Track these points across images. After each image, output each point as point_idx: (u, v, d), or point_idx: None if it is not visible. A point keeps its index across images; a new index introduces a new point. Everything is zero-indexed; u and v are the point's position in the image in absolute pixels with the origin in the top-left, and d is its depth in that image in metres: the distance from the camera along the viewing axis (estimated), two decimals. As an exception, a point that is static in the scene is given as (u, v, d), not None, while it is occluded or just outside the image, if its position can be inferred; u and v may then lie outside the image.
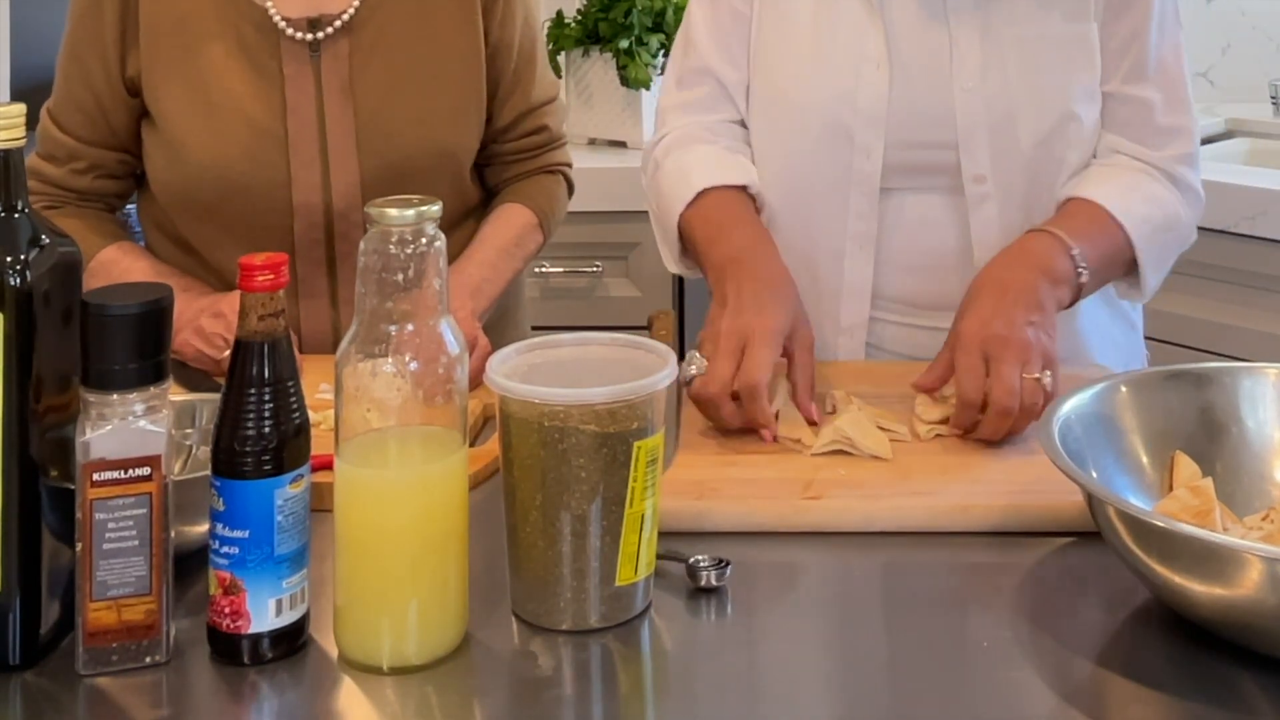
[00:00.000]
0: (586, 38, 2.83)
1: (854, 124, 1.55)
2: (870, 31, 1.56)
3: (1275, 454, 1.23)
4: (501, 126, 1.78)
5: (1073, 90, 1.55)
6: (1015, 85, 1.54)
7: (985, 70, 1.54)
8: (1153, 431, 1.23)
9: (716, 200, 1.57)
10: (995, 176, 1.55)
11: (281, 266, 1.01)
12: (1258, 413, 1.24)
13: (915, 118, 1.55)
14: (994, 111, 1.54)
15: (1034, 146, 1.54)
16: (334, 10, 1.67)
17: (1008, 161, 1.54)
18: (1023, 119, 1.54)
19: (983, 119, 1.54)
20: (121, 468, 0.99)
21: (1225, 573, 0.99)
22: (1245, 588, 0.98)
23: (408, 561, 1.01)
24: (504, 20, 1.74)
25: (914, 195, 1.57)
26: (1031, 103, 1.54)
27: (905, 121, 1.55)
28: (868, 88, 1.55)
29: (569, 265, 2.66)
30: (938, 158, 1.55)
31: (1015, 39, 1.55)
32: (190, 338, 1.56)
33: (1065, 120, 1.55)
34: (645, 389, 1.05)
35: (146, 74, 1.64)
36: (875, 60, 1.55)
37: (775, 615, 1.11)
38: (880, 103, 1.55)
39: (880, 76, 1.55)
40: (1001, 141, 1.54)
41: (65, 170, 1.68)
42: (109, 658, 1.01)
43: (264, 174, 1.63)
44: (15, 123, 1.02)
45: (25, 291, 0.99)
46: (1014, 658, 1.04)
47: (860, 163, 1.56)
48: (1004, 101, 1.54)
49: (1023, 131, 1.54)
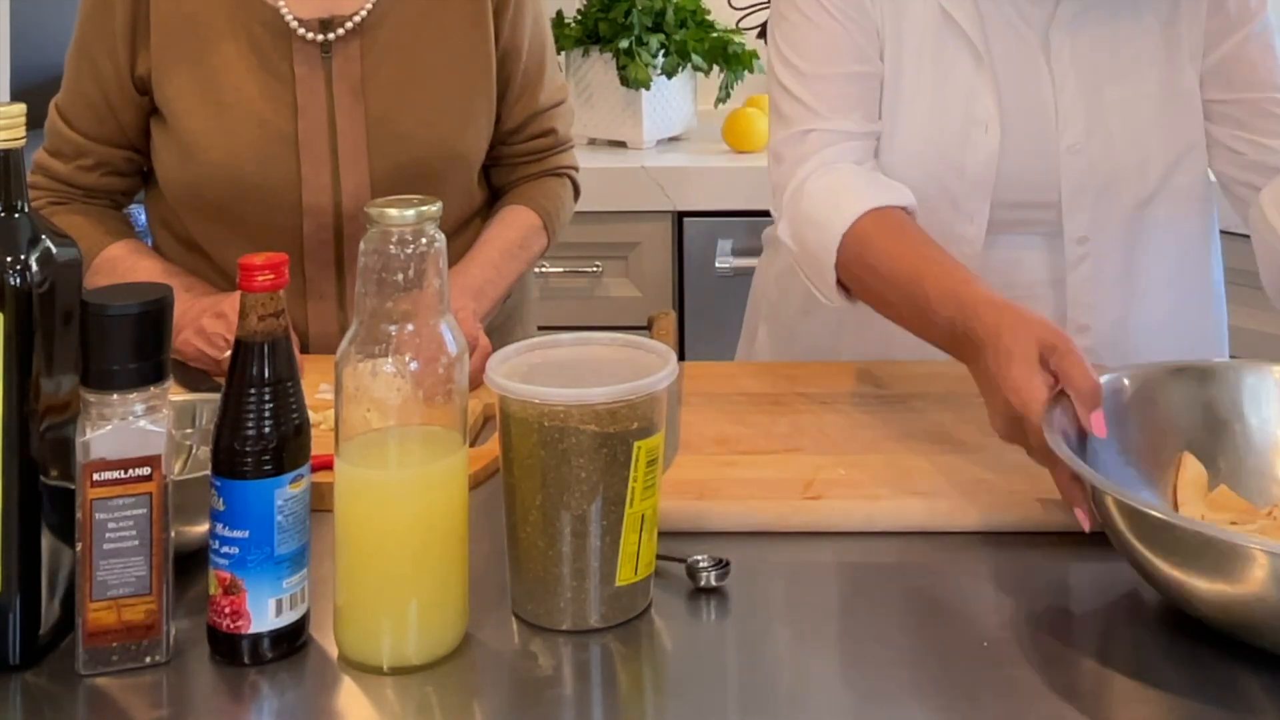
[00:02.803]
0: (586, 38, 2.83)
1: (958, 189, 1.50)
2: (981, 91, 1.49)
3: (1277, 451, 1.23)
4: (510, 128, 1.78)
5: (1175, 148, 1.52)
6: (1119, 145, 1.51)
7: (1090, 130, 1.50)
8: (1155, 427, 1.22)
9: (889, 221, 1.41)
10: (1097, 237, 1.52)
11: (282, 267, 1.01)
12: (1261, 410, 1.24)
13: (1020, 180, 1.50)
14: (1098, 173, 1.51)
15: (1136, 207, 1.52)
16: (346, 11, 1.67)
17: (1110, 223, 1.52)
18: (1126, 180, 1.51)
19: (1088, 180, 1.51)
20: (121, 468, 0.99)
21: (1228, 568, 0.99)
22: (1249, 584, 0.98)
23: (408, 561, 1.01)
24: (514, 22, 1.74)
25: (1013, 252, 1.52)
26: (1135, 163, 1.51)
27: (1011, 184, 1.50)
28: (976, 152, 1.49)
29: (569, 265, 2.66)
30: (1039, 216, 1.52)
31: (1118, 99, 1.51)
32: (191, 337, 1.56)
33: (1168, 179, 1.52)
34: (645, 389, 1.05)
35: (156, 72, 1.64)
36: (984, 122, 1.49)
37: (775, 615, 1.11)
38: (989, 168, 1.49)
39: (990, 140, 1.49)
40: (1104, 203, 1.51)
41: (72, 166, 1.68)
42: (109, 658, 1.01)
43: (274, 174, 1.63)
44: (15, 123, 1.02)
45: (25, 291, 0.99)
46: (1014, 658, 1.04)
47: (964, 227, 1.51)
48: (1108, 163, 1.51)
49: (1126, 193, 1.51)
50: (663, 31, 2.81)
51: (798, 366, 1.58)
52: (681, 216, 2.66)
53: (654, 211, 2.67)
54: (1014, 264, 1.53)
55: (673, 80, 2.84)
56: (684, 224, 2.67)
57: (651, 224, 2.68)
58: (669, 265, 2.69)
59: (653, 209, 2.67)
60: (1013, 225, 1.53)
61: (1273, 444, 1.23)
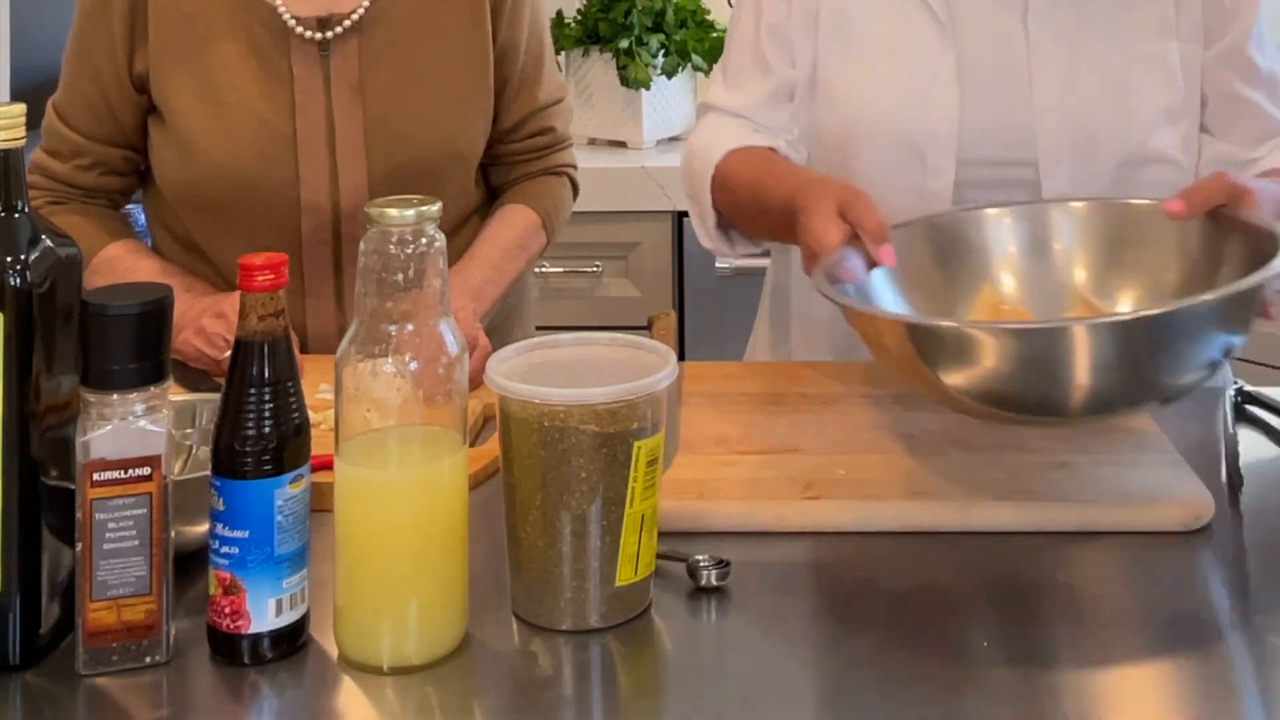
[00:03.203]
0: (586, 38, 2.83)
1: (925, 144, 1.54)
2: (940, 53, 1.54)
3: (1066, 280, 1.40)
4: (508, 127, 1.78)
5: (1156, 112, 1.53)
6: (1099, 104, 1.52)
7: (1067, 88, 1.52)
8: (963, 264, 1.40)
9: (742, 159, 1.56)
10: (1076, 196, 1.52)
11: (281, 267, 1.01)
12: (1059, 241, 1.41)
13: (990, 136, 1.53)
14: (1076, 131, 1.52)
15: (1116, 168, 1.53)
16: (344, 10, 1.66)
17: (1090, 182, 1.52)
18: (1105, 139, 1.52)
19: (1064, 138, 1.52)
20: (121, 468, 0.99)
21: (966, 353, 1.14)
22: (984, 364, 1.13)
23: (408, 561, 1.01)
24: (512, 20, 1.74)
25: None
26: (1116, 123, 1.52)
27: (979, 140, 1.53)
28: (938, 108, 1.53)
29: (569, 265, 2.66)
30: (1016, 175, 1.53)
31: (1100, 58, 1.53)
32: (191, 337, 1.56)
33: (1148, 142, 1.53)
34: (645, 389, 1.05)
35: (155, 71, 1.64)
36: (946, 80, 1.53)
37: (775, 615, 1.11)
38: (950, 123, 1.53)
39: (950, 96, 1.53)
40: (1083, 161, 1.52)
41: (70, 166, 1.68)
42: (109, 658, 1.01)
43: (272, 173, 1.63)
44: (15, 123, 1.02)
45: (25, 291, 0.99)
46: (1014, 658, 1.04)
47: (932, 182, 1.54)
48: (1087, 121, 1.52)
49: (1105, 152, 1.52)
50: (663, 31, 2.81)
51: (798, 366, 1.58)
52: (681, 216, 2.66)
53: (654, 211, 2.67)
54: None
55: (673, 80, 2.84)
56: (684, 224, 2.67)
57: (651, 224, 2.68)
58: (669, 265, 2.69)
59: (653, 209, 2.67)
60: (990, 186, 1.54)
61: (1067, 265, 1.40)
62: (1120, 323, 1.15)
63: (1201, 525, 1.21)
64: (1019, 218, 1.43)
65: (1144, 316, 1.15)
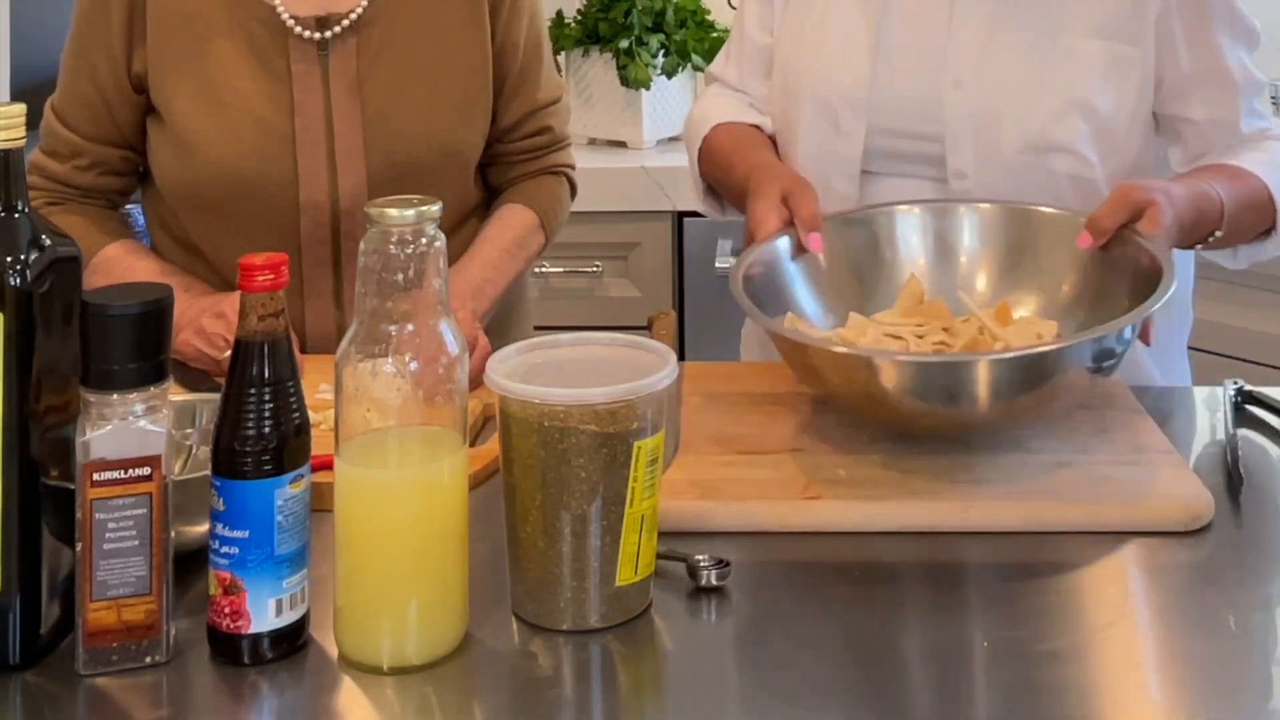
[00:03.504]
0: (586, 38, 2.83)
1: (839, 107, 1.59)
2: (863, 21, 1.60)
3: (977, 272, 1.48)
4: (506, 126, 1.78)
5: (1062, 102, 1.54)
6: (1006, 87, 1.55)
7: (978, 68, 1.55)
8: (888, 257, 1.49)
9: (727, 131, 1.67)
10: (978, 175, 1.56)
11: (281, 266, 1.01)
12: (973, 239, 1.49)
13: (899, 106, 1.58)
14: (981, 110, 1.55)
15: (1018, 151, 1.55)
16: (342, 9, 1.66)
17: (991, 163, 1.55)
18: (1009, 122, 1.55)
19: (969, 116, 1.55)
20: (121, 468, 0.99)
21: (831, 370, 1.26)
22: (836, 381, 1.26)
23: (408, 561, 1.01)
24: (510, 20, 1.74)
25: (900, 180, 1.59)
26: (1020, 108, 1.54)
27: (889, 109, 1.58)
28: (852, 73, 1.59)
29: (569, 265, 2.66)
30: (922, 149, 1.58)
31: (1017, 43, 1.55)
32: (191, 337, 1.56)
33: (1051, 131, 1.54)
34: (645, 389, 1.05)
35: (153, 71, 1.64)
36: (864, 47, 1.59)
37: (775, 615, 1.11)
38: (862, 88, 1.59)
39: (863, 62, 1.58)
40: (986, 143, 1.55)
41: (68, 166, 1.68)
42: (109, 658, 1.01)
43: (271, 172, 1.63)
44: (15, 123, 1.02)
45: (25, 291, 0.99)
46: (1015, 658, 1.04)
47: (843, 145, 1.60)
48: (992, 102, 1.55)
49: (1008, 134, 1.55)
50: (663, 31, 2.81)
51: (798, 366, 1.58)
52: (681, 216, 2.66)
53: (654, 211, 2.67)
54: (899, 192, 1.58)
55: (673, 80, 2.84)
56: (684, 224, 2.67)
57: (651, 224, 2.68)
58: (669, 265, 2.69)
59: (653, 209, 2.67)
60: (899, 156, 1.58)
61: (971, 266, 1.48)
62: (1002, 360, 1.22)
63: (1201, 525, 1.21)
64: (931, 215, 1.51)
65: (1021, 355, 1.23)
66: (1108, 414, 1.40)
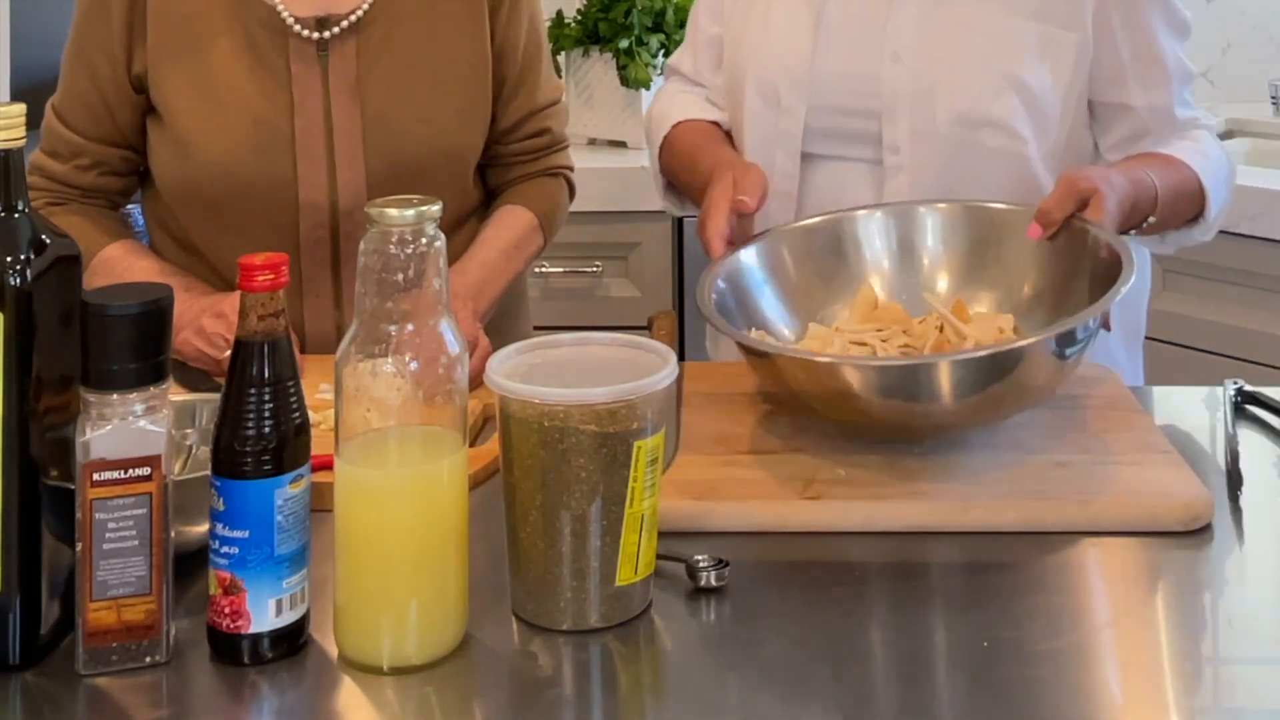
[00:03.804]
0: (586, 38, 2.83)
1: (780, 84, 1.63)
2: (802, 1, 1.64)
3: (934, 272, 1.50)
4: (505, 128, 1.78)
5: (994, 77, 1.58)
6: (941, 62, 1.58)
7: (915, 44, 1.59)
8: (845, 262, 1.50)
9: (688, 129, 1.72)
10: (912, 149, 1.59)
11: (281, 266, 1.01)
12: (927, 239, 1.51)
13: (839, 82, 1.61)
14: (917, 84, 1.58)
15: (950, 124, 1.58)
16: (342, 9, 1.67)
17: (925, 136, 1.58)
18: (943, 96, 1.58)
19: (906, 91, 1.58)
20: (121, 468, 0.99)
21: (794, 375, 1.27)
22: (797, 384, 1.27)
23: (408, 561, 1.01)
24: (510, 21, 1.74)
25: (838, 163, 1.63)
26: (953, 82, 1.58)
27: (830, 86, 1.61)
28: (793, 50, 1.62)
29: (569, 265, 2.66)
30: (861, 126, 1.61)
31: (955, 21, 1.59)
32: (191, 337, 1.56)
33: (983, 105, 1.57)
34: (645, 389, 1.05)
35: (153, 71, 1.64)
36: (805, 24, 1.63)
37: (775, 615, 1.11)
38: (803, 64, 1.62)
39: (805, 40, 1.62)
40: (920, 117, 1.58)
41: (69, 166, 1.68)
42: (109, 658, 1.01)
43: (270, 172, 1.63)
44: (15, 123, 1.02)
45: (25, 291, 0.99)
46: (1014, 658, 1.04)
47: (785, 122, 1.63)
48: (927, 75, 1.58)
49: (942, 108, 1.58)
50: (663, 31, 2.81)
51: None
52: (681, 217, 2.66)
53: (654, 211, 2.66)
54: (840, 174, 1.63)
55: (673, 80, 2.84)
56: (684, 224, 2.67)
57: (651, 224, 2.68)
58: (669, 265, 2.69)
59: (653, 209, 2.66)
60: (839, 134, 1.62)
61: (932, 267, 1.50)
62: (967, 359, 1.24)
63: (1201, 525, 1.21)
64: (892, 218, 1.52)
65: (984, 354, 1.24)
66: (1108, 414, 1.40)
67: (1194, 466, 1.28)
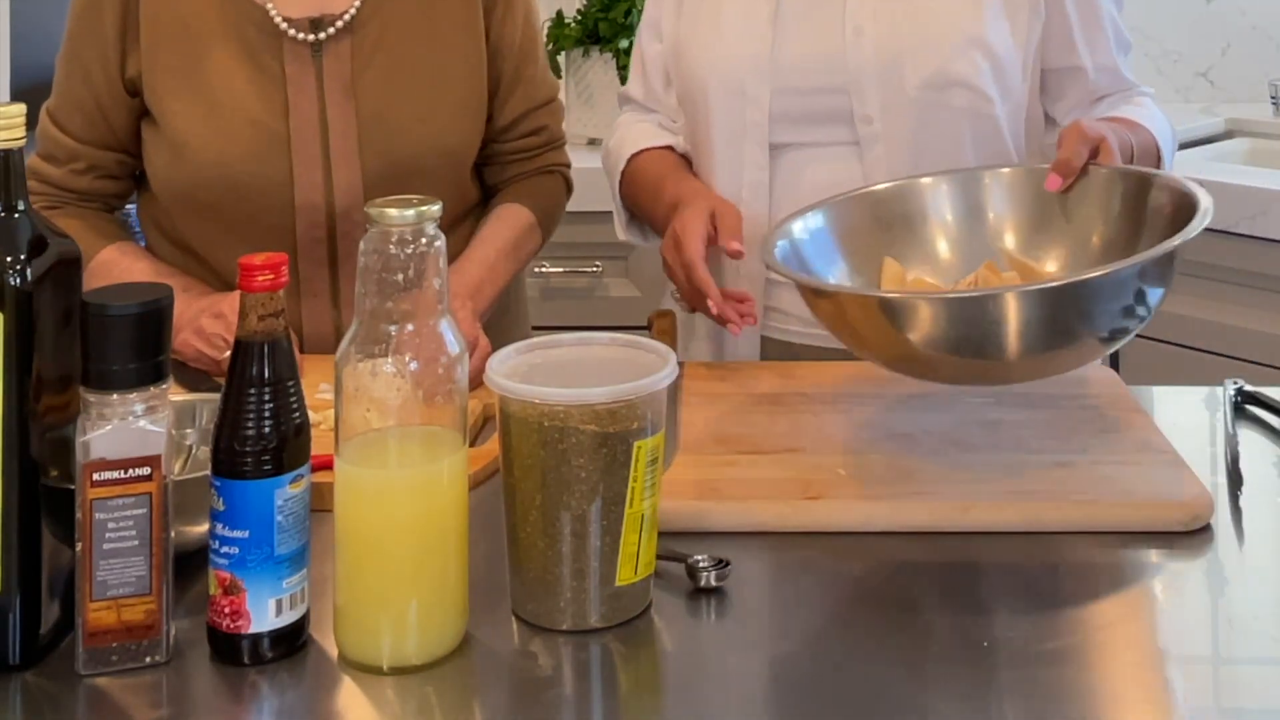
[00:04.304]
0: (586, 38, 2.83)
1: (744, 76, 1.63)
2: None
3: (959, 246, 1.51)
4: (502, 126, 1.78)
5: (959, 37, 1.61)
6: (904, 29, 1.61)
7: (876, 16, 1.61)
8: (864, 245, 1.49)
9: (648, 159, 1.72)
10: (884, 118, 1.61)
11: (281, 266, 1.01)
12: (951, 212, 1.52)
13: (804, 63, 1.63)
14: (883, 53, 1.60)
15: (920, 89, 1.60)
16: (335, 10, 1.66)
17: (896, 104, 1.60)
18: (910, 61, 1.60)
19: (871, 61, 1.60)
20: (121, 468, 0.99)
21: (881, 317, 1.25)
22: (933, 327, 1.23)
23: (408, 561, 1.01)
24: (505, 19, 1.74)
25: (808, 149, 1.64)
26: (919, 47, 1.60)
27: (794, 68, 1.63)
28: (753, 40, 1.64)
29: (569, 265, 2.66)
30: (830, 103, 1.62)
31: None
32: (190, 338, 1.56)
33: (949, 67, 1.60)
34: (645, 389, 1.05)
35: (147, 74, 1.64)
36: (762, 13, 1.64)
37: (775, 615, 1.11)
38: (764, 52, 1.63)
39: (764, 27, 1.63)
40: (889, 84, 1.60)
41: (65, 170, 1.68)
42: (109, 658, 1.01)
43: (266, 173, 1.63)
44: (15, 123, 1.02)
45: (25, 291, 0.99)
46: (1014, 658, 1.04)
47: (751, 112, 1.63)
48: (892, 43, 1.60)
49: (909, 74, 1.60)
50: (663, 31, 2.80)
51: (798, 366, 1.58)
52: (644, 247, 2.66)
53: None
54: (813, 160, 1.64)
55: (672, 80, 2.83)
56: (684, 224, 2.66)
57: (651, 224, 2.67)
58: (669, 265, 2.68)
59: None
60: (807, 117, 1.63)
61: (958, 238, 1.51)
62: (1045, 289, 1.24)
63: (1201, 525, 1.21)
64: (952, 184, 1.53)
65: (1066, 283, 1.25)
66: (1108, 414, 1.40)
67: (1194, 466, 1.28)
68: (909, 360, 1.29)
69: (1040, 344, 1.24)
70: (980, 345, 1.24)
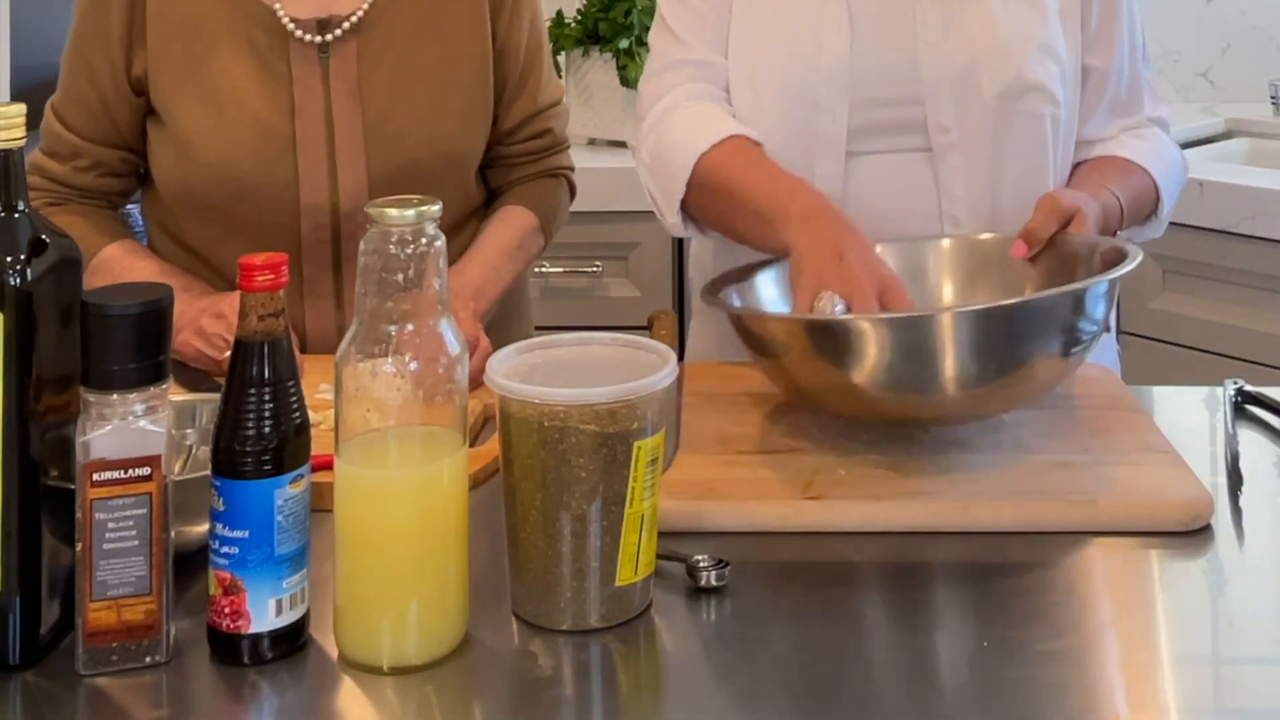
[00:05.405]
0: (586, 38, 2.83)
1: (818, 88, 1.60)
2: (830, 1, 1.62)
3: None
4: (507, 129, 1.78)
5: (1031, 45, 1.61)
6: (976, 39, 1.60)
7: (947, 26, 1.61)
8: None
9: (744, 146, 1.58)
10: (960, 127, 1.60)
11: (281, 266, 1.01)
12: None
13: (879, 75, 1.61)
14: (956, 64, 1.60)
15: (996, 98, 1.60)
16: (343, 12, 1.67)
17: (972, 113, 1.60)
18: (984, 70, 1.60)
19: (946, 72, 1.60)
20: (121, 468, 0.99)
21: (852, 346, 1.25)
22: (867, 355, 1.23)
23: (408, 561, 1.01)
24: (511, 22, 1.74)
25: (881, 157, 1.62)
26: (992, 56, 1.60)
27: (869, 80, 1.60)
28: (829, 51, 1.60)
29: (569, 265, 2.66)
30: (904, 114, 1.61)
31: (973, 2, 1.62)
32: (190, 338, 1.56)
33: (1025, 73, 1.60)
34: (645, 389, 1.05)
35: (153, 73, 1.64)
36: (836, 25, 1.61)
37: (775, 615, 1.11)
38: (842, 64, 1.60)
39: (841, 39, 1.60)
40: (965, 94, 1.60)
41: (68, 167, 1.68)
42: (109, 658, 1.01)
43: (271, 174, 1.63)
44: (15, 123, 1.02)
45: (25, 291, 0.99)
46: (1014, 658, 1.04)
47: (826, 126, 1.60)
48: (966, 54, 1.60)
49: (985, 82, 1.60)
50: (663, 31, 2.80)
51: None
52: (685, 240, 2.66)
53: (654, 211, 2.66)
54: (886, 169, 1.62)
55: (673, 80, 2.83)
56: (684, 224, 2.66)
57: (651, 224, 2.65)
58: (669, 265, 2.69)
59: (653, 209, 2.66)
60: (881, 128, 1.61)
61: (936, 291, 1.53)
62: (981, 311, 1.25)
63: (1201, 525, 1.21)
64: (891, 254, 1.51)
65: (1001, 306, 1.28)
66: (1108, 414, 1.40)
67: (1194, 466, 1.28)
68: (845, 395, 1.27)
69: (971, 374, 1.25)
70: (917, 376, 1.24)
